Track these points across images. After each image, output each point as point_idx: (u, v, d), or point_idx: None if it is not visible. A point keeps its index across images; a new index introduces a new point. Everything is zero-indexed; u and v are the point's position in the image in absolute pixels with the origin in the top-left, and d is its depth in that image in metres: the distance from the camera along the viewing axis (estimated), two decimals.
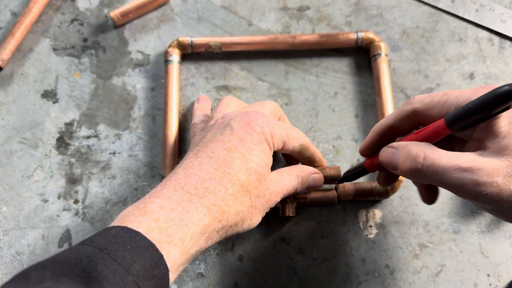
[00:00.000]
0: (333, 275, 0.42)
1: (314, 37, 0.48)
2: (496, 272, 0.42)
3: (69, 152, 0.46)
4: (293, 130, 0.38)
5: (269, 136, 0.35)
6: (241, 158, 0.33)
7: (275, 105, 0.40)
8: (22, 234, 0.43)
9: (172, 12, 0.52)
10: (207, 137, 0.34)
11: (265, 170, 0.34)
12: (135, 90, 0.49)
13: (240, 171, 0.32)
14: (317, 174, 0.40)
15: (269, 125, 0.35)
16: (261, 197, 0.34)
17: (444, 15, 0.51)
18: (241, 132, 0.34)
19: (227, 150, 0.32)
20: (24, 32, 0.49)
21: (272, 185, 0.35)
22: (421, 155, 0.29)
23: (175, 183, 0.30)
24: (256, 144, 0.34)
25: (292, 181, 0.37)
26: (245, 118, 0.35)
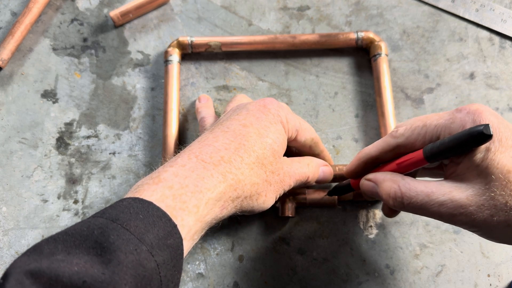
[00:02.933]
0: (333, 275, 0.42)
1: (314, 37, 0.48)
2: (496, 272, 0.42)
3: (69, 152, 0.46)
4: (306, 124, 0.38)
5: (285, 120, 0.35)
6: (257, 133, 0.33)
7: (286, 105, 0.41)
8: (22, 234, 0.43)
9: (172, 12, 0.52)
10: (222, 119, 0.35)
11: (279, 148, 0.34)
12: (135, 90, 0.49)
13: (255, 144, 0.32)
14: (326, 166, 0.40)
15: (284, 110, 0.36)
16: (275, 174, 0.34)
17: (444, 15, 0.51)
18: (257, 112, 0.34)
19: (243, 126, 0.33)
20: (24, 32, 0.49)
21: (286, 166, 0.35)
22: (399, 195, 0.31)
23: (189, 153, 0.30)
24: (272, 123, 0.34)
25: (304, 169, 0.37)
26: (261, 101, 0.35)
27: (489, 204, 0.29)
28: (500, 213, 0.28)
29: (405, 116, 0.47)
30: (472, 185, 0.29)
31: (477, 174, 0.29)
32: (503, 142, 0.29)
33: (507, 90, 0.48)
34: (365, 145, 0.46)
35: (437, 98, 0.48)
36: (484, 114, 0.29)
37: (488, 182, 0.29)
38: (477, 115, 0.29)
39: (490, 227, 0.29)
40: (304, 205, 0.43)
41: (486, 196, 0.29)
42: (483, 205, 0.29)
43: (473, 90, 0.48)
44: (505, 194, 0.28)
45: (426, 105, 0.47)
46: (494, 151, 0.29)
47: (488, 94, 0.48)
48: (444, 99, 0.48)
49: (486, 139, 0.28)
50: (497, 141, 0.29)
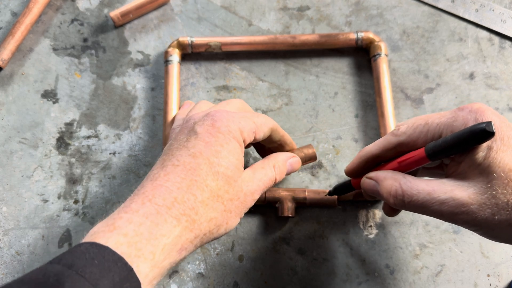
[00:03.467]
0: (333, 275, 0.42)
1: (314, 37, 0.48)
2: (496, 272, 0.42)
3: (69, 152, 0.46)
4: (259, 117, 0.36)
5: (238, 133, 0.34)
6: (207, 164, 0.32)
7: (241, 102, 0.39)
8: (22, 234, 0.43)
9: (172, 12, 0.52)
10: (173, 145, 0.33)
11: (234, 172, 0.33)
12: (135, 90, 0.49)
13: (207, 177, 0.31)
14: (293, 157, 0.39)
15: (235, 121, 0.34)
16: (234, 200, 0.33)
17: (444, 15, 0.51)
18: (206, 136, 0.32)
19: (193, 157, 0.32)
20: (24, 32, 0.49)
21: (246, 186, 0.34)
22: (400, 193, 0.31)
23: (143, 197, 0.30)
24: (223, 145, 0.33)
25: (269, 174, 0.36)
26: (208, 120, 0.33)
27: (490, 202, 0.29)
28: (501, 212, 0.28)
29: (405, 116, 0.47)
30: (474, 184, 0.29)
31: (479, 173, 0.29)
32: (505, 141, 0.29)
33: (507, 90, 0.48)
34: (365, 145, 0.46)
35: (437, 98, 0.48)
36: (486, 113, 0.29)
37: (490, 180, 0.29)
38: (479, 113, 0.29)
39: (492, 226, 0.29)
40: (304, 205, 0.43)
41: (488, 195, 0.29)
42: (485, 204, 0.29)
43: (473, 90, 0.48)
44: (507, 192, 0.28)
45: (426, 105, 0.47)
46: (496, 149, 0.29)
47: (488, 94, 0.48)
48: (444, 99, 0.48)
49: (489, 137, 0.27)
50: (499, 139, 0.29)
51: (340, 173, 0.45)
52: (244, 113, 0.35)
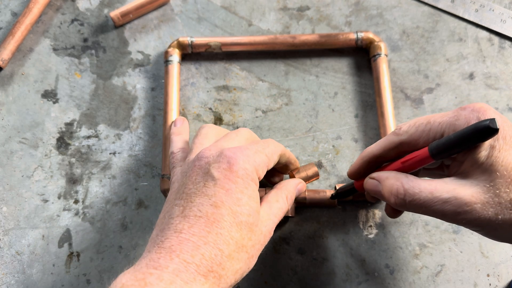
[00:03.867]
0: (333, 275, 0.42)
1: (314, 37, 0.48)
2: (496, 272, 0.42)
3: (69, 152, 0.46)
4: (269, 147, 0.36)
5: (254, 174, 0.33)
6: (230, 214, 0.31)
7: (248, 132, 0.39)
8: (22, 234, 0.43)
9: (172, 12, 0.52)
10: (189, 187, 0.33)
11: (255, 217, 0.33)
12: (135, 90, 0.49)
13: (231, 228, 0.31)
14: (300, 184, 0.40)
15: (250, 161, 0.33)
16: (256, 244, 0.33)
17: (444, 15, 0.51)
18: (225, 182, 0.32)
19: (215, 207, 0.31)
20: (24, 32, 0.49)
21: (265, 226, 0.34)
22: (401, 192, 0.31)
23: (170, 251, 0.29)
24: (243, 191, 0.32)
25: (283, 207, 0.36)
26: (224, 163, 0.32)
27: (494, 201, 0.28)
28: (505, 211, 0.28)
29: (404, 116, 0.47)
30: (476, 183, 0.29)
31: (482, 172, 0.29)
32: (507, 140, 0.29)
33: (507, 90, 0.48)
34: (365, 145, 0.46)
35: (436, 98, 0.48)
36: (488, 112, 0.29)
37: (492, 179, 0.29)
38: (482, 112, 0.29)
39: (495, 226, 0.29)
40: (304, 205, 0.43)
41: (491, 194, 0.28)
42: (488, 203, 0.28)
43: (472, 90, 0.48)
44: (510, 191, 0.28)
45: (425, 105, 0.47)
46: (498, 148, 0.29)
47: (488, 94, 0.48)
48: (444, 99, 0.48)
49: (493, 133, 0.27)
50: (501, 138, 0.29)
51: (340, 173, 0.45)
52: (256, 147, 0.35)
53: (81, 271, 0.42)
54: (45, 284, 0.42)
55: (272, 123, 0.47)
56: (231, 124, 0.47)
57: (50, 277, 0.42)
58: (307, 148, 0.46)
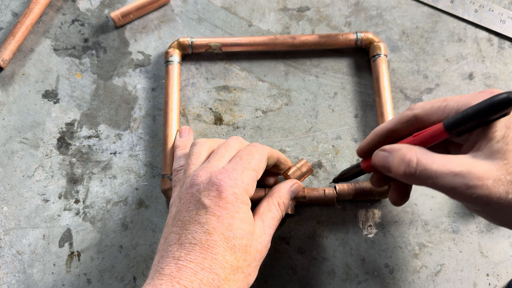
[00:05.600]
0: (332, 275, 0.42)
1: (314, 38, 0.48)
2: (495, 272, 0.42)
3: (70, 152, 0.46)
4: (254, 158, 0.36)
5: (244, 195, 0.34)
6: (223, 240, 0.32)
7: (239, 142, 0.39)
8: (23, 234, 0.44)
9: (173, 12, 0.52)
10: (183, 215, 0.34)
11: (248, 238, 0.34)
12: (136, 90, 0.49)
13: (225, 253, 0.32)
14: (295, 184, 0.40)
15: (238, 184, 0.34)
16: (252, 263, 0.34)
17: (443, 15, 0.51)
18: (216, 210, 0.33)
19: (208, 234, 0.32)
20: (25, 33, 0.49)
21: (259, 243, 0.35)
22: (414, 160, 0.30)
23: (170, 278, 0.31)
24: (234, 216, 0.33)
25: (276, 216, 0.37)
26: (214, 190, 0.33)
27: (506, 179, 0.28)
28: None
29: None
30: (490, 160, 0.28)
31: (496, 151, 0.28)
32: None
33: (506, 90, 0.48)
34: None
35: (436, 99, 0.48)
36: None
37: (507, 157, 0.28)
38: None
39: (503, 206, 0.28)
40: (303, 203, 0.43)
41: (503, 171, 0.28)
42: (500, 180, 0.28)
43: (472, 90, 0.48)
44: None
45: None
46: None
47: None
48: None
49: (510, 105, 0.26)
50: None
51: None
52: (242, 164, 0.35)
53: (82, 271, 0.42)
54: (45, 284, 0.42)
55: (272, 123, 0.47)
56: (231, 124, 0.47)
57: (51, 277, 0.42)
58: (307, 148, 0.46)
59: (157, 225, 0.44)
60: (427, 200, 0.44)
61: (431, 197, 0.44)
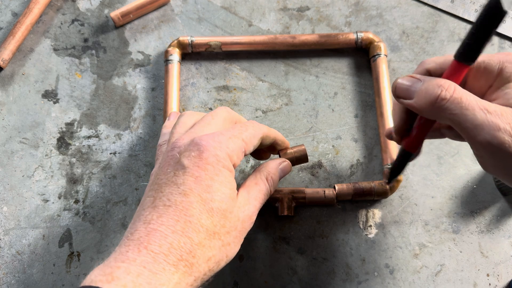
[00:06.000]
0: (332, 275, 0.42)
1: (314, 38, 0.48)
2: (495, 272, 0.42)
3: (69, 152, 0.46)
4: (248, 130, 0.35)
5: (226, 160, 0.32)
6: (200, 201, 0.31)
7: (226, 111, 0.37)
8: (22, 234, 0.44)
9: (173, 12, 0.52)
10: (161, 179, 0.32)
11: (229, 203, 0.32)
12: (136, 90, 0.49)
13: (201, 216, 0.30)
14: (284, 162, 0.38)
15: (222, 147, 0.32)
16: (232, 231, 0.32)
17: (443, 15, 0.51)
18: (194, 170, 0.31)
19: (184, 195, 0.31)
20: (24, 33, 0.49)
21: (242, 212, 0.33)
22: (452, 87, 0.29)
23: (138, 243, 0.29)
24: (213, 178, 0.31)
25: (263, 189, 0.35)
26: (195, 150, 0.32)
27: None
28: None
29: None
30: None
31: None
32: None
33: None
34: (365, 145, 0.46)
35: None
36: None
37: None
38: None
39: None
40: (303, 204, 0.43)
41: None
42: None
43: None
44: None
45: None
46: None
47: None
48: None
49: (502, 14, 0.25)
50: None
51: (340, 173, 0.45)
52: (232, 132, 0.34)
53: (82, 271, 0.42)
54: (45, 284, 0.42)
55: (272, 123, 0.47)
56: None
57: (51, 277, 0.42)
58: (307, 148, 0.46)
59: None
60: (427, 200, 0.44)
61: (431, 197, 0.44)
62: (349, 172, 0.45)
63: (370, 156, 0.46)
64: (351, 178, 0.45)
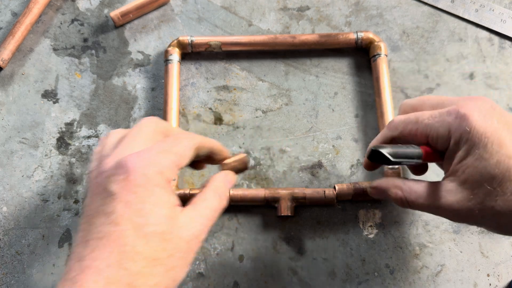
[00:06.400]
0: (333, 275, 0.42)
1: (314, 37, 0.48)
2: (496, 272, 0.42)
3: (69, 152, 0.46)
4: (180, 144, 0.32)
5: (158, 177, 0.30)
6: (133, 228, 0.28)
7: (153, 122, 0.34)
8: (22, 234, 0.43)
9: (173, 12, 0.52)
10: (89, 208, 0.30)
11: (167, 224, 0.29)
12: (136, 90, 0.49)
13: (136, 243, 0.28)
14: (229, 174, 0.37)
15: (151, 164, 0.30)
16: (175, 253, 0.30)
17: (444, 15, 0.51)
18: (123, 195, 0.29)
19: (115, 224, 0.28)
20: (24, 32, 0.49)
21: (186, 231, 0.30)
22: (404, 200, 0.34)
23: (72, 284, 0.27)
24: (145, 200, 0.29)
25: (213, 205, 0.33)
26: (121, 173, 0.29)
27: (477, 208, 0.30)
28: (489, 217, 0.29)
29: None
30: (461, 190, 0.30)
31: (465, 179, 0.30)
32: (488, 148, 0.28)
33: (507, 90, 0.48)
34: (365, 145, 0.46)
35: None
36: (470, 119, 0.29)
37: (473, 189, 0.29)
38: (464, 120, 0.29)
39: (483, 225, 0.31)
40: (303, 204, 0.43)
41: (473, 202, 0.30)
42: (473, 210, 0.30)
43: (472, 90, 0.48)
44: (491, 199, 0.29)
45: None
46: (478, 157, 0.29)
47: (488, 94, 0.48)
48: None
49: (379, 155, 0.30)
50: (481, 147, 0.29)
51: (340, 173, 0.45)
52: (162, 146, 0.31)
53: None
54: (45, 284, 0.42)
55: (272, 123, 0.47)
56: (231, 124, 0.47)
57: (50, 277, 0.42)
58: (307, 148, 0.46)
59: None
60: None
61: None
62: (349, 172, 0.45)
63: None
64: (351, 178, 0.45)
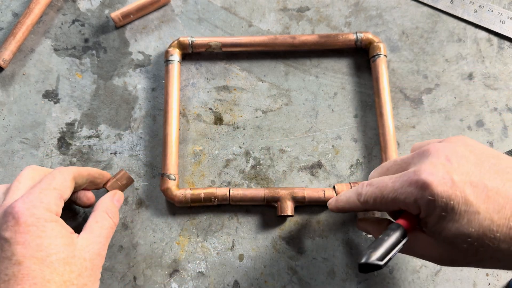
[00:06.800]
0: (332, 275, 0.42)
1: (314, 38, 0.48)
2: (495, 271, 0.42)
3: (70, 152, 0.46)
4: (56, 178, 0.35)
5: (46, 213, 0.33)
6: (37, 262, 0.31)
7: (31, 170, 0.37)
8: None
9: (173, 13, 0.52)
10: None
11: (67, 250, 0.33)
12: (136, 90, 0.49)
13: (44, 274, 0.31)
14: (116, 194, 0.40)
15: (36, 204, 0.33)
16: (83, 272, 0.33)
17: (443, 15, 0.51)
18: (18, 237, 0.31)
19: (18, 264, 0.31)
20: (25, 33, 0.49)
21: (87, 252, 0.34)
22: None
23: None
24: (41, 236, 0.32)
25: (106, 224, 0.37)
26: (10, 219, 0.32)
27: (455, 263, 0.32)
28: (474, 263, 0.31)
29: (403, 116, 0.47)
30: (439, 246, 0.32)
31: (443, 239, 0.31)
32: (456, 210, 0.29)
33: (506, 90, 0.48)
34: (365, 145, 0.46)
35: (436, 99, 0.48)
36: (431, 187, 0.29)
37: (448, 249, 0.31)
38: (426, 189, 0.30)
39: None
40: (303, 204, 0.43)
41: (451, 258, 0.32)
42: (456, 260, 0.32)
43: (471, 90, 0.48)
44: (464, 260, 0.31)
45: (425, 105, 0.48)
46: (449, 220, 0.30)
47: (487, 95, 0.48)
48: (443, 99, 0.48)
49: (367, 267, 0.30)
50: (449, 209, 0.29)
51: (340, 173, 0.46)
52: (40, 186, 0.35)
53: None
54: None
55: (272, 123, 0.47)
56: (231, 124, 0.47)
57: None
58: (307, 148, 0.46)
59: (157, 225, 0.44)
60: None
61: None
62: (349, 172, 0.46)
63: (370, 156, 0.46)
64: (351, 178, 0.45)
